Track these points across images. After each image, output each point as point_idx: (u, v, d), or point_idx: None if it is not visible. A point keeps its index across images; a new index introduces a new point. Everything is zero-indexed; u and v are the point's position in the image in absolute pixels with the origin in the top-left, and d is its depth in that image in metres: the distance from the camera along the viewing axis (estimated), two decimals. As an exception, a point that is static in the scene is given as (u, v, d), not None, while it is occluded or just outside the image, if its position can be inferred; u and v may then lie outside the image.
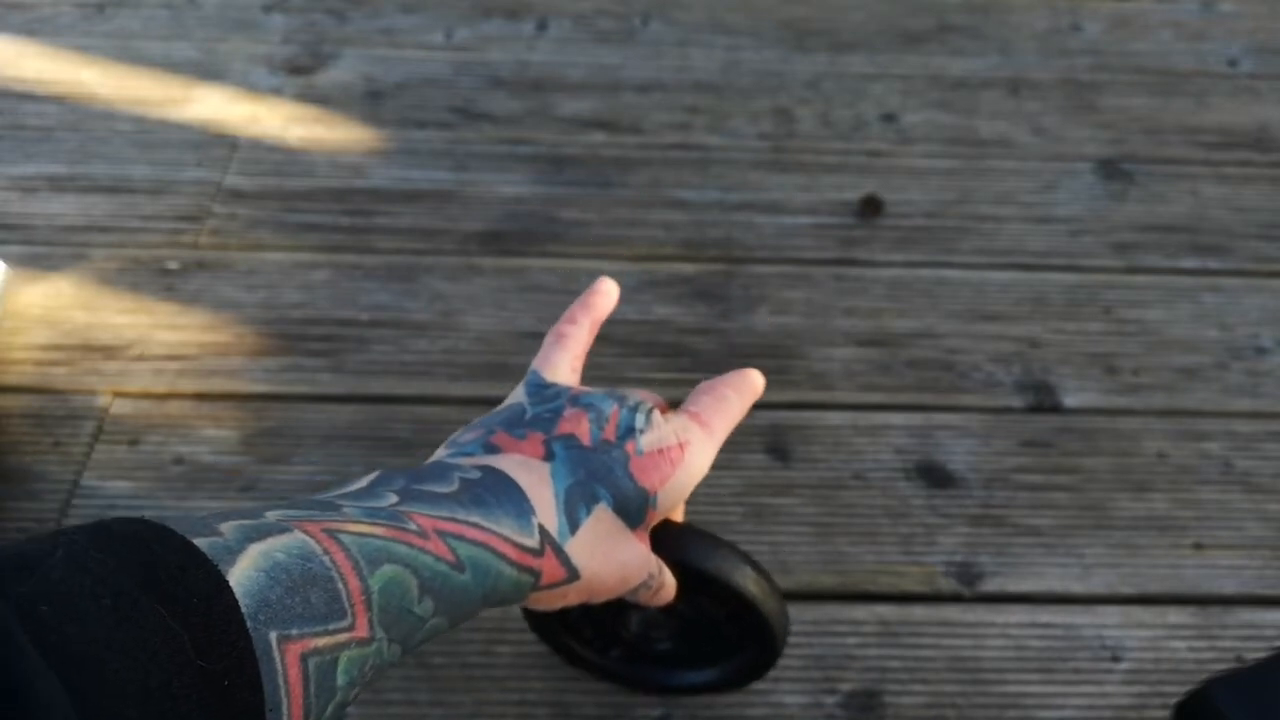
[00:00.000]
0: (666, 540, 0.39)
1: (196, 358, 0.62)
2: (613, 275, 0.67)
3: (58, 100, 0.79)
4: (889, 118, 0.80)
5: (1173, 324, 0.66)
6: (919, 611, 0.52)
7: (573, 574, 0.34)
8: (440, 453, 0.36)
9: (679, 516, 0.43)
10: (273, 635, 0.23)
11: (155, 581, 0.21)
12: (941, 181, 0.75)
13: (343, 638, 0.25)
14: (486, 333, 0.64)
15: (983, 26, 0.89)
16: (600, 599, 0.36)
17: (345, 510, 0.28)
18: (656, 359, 0.63)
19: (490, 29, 0.87)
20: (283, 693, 0.23)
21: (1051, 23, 0.90)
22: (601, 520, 0.35)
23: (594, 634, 0.46)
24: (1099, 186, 0.75)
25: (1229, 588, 0.53)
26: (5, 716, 0.17)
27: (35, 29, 0.85)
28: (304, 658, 0.23)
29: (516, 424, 0.36)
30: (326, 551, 0.25)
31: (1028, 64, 0.85)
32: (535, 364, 0.39)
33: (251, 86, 0.81)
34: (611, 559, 0.35)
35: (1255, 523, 0.55)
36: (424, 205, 0.72)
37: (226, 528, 0.24)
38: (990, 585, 0.53)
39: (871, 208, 0.72)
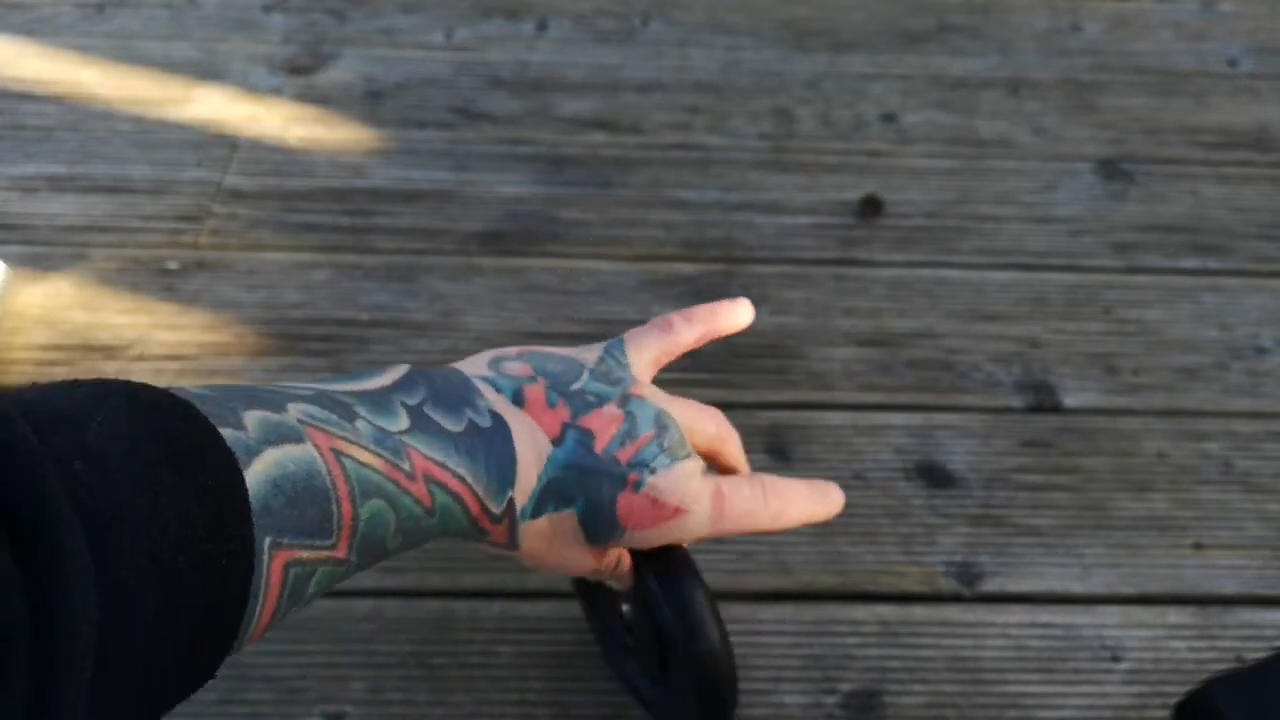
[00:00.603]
0: (652, 560, 0.38)
1: (196, 358, 0.62)
2: (613, 275, 0.68)
3: (57, 100, 0.79)
4: (889, 118, 0.80)
5: (1173, 324, 0.66)
6: (919, 611, 0.52)
7: (513, 545, 0.35)
8: (480, 361, 0.36)
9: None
10: (268, 539, 0.24)
11: (178, 458, 0.22)
12: (941, 181, 0.75)
13: (324, 555, 0.26)
14: (486, 333, 0.64)
15: (983, 26, 0.89)
16: (531, 567, 0.38)
17: (358, 424, 0.29)
18: (656, 359, 0.63)
19: (490, 29, 0.87)
20: (262, 590, 0.24)
21: (1051, 23, 0.90)
22: (563, 522, 0.35)
23: (608, 606, 0.46)
24: (1099, 186, 0.75)
25: (1229, 588, 0.53)
26: (35, 556, 0.18)
27: (35, 29, 0.85)
28: (287, 565, 0.25)
29: (561, 385, 0.36)
30: (330, 473, 0.27)
31: (1028, 64, 0.85)
32: (628, 334, 0.39)
33: (251, 86, 0.81)
34: (553, 552, 0.36)
35: (1255, 523, 0.55)
36: (424, 205, 0.72)
37: (251, 420, 0.25)
38: (990, 585, 0.53)
39: (871, 208, 0.72)
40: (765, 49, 0.86)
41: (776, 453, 0.58)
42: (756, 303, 0.66)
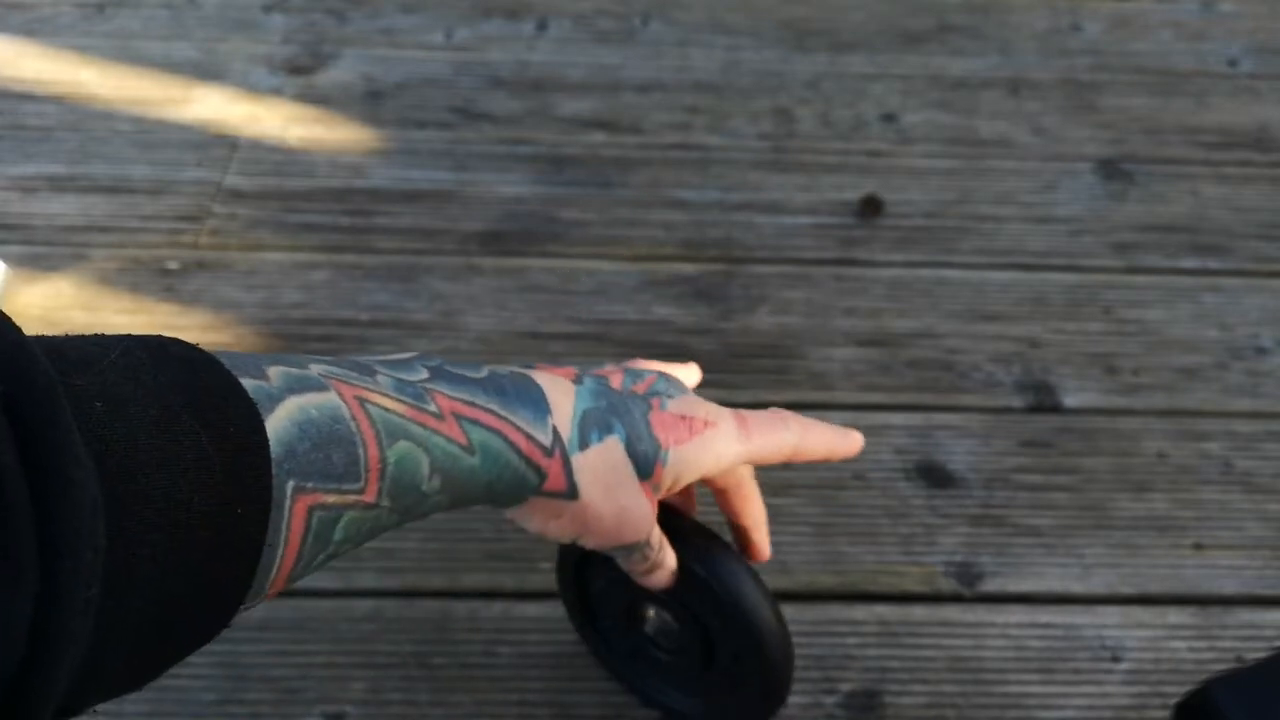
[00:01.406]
0: (695, 546, 0.39)
1: (196, 358, 0.62)
2: (613, 275, 0.68)
3: (57, 100, 0.79)
4: (889, 118, 0.80)
5: (1173, 324, 0.66)
6: (919, 611, 0.52)
7: (572, 490, 0.34)
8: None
9: (690, 501, 0.42)
10: (290, 484, 0.24)
11: (199, 406, 0.23)
12: (941, 181, 0.75)
13: (351, 499, 0.26)
14: (486, 333, 0.64)
15: (983, 26, 0.89)
16: (591, 540, 0.36)
17: (378, 378, 0.29)
18: (657, 359, 0.63)
19: (490, 29, 0.87)
20: (283, 535, 0.24)
21: (1051, 23, 0.90)
22: (611, 450, 0.35)
23: (615, 615, 0.45)
24: (1099, 186, 0.75)
25: (1229, 588, 0.53)
26: (39, 486, 0.18)
27: (35, 29, 0.85)
28: (311, 509, 0.25)
29: (558, 364, 0.38)
30: (354, 418, 0.27)
31: (1028, 64, 0.85)
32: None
33: (251, 86, 0.81)
34: (612, 496, 0.35)
35: (1255, 523, 0.55)
36: (424, 205, 0.72)
37: (274, 373, 0.26)
38: (990, 585, 0.53)
39: (871, 208, 0.72)
40: (765, 49, 0.86)
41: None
42: (756, 303, 0.66)
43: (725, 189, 0.74)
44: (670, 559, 0.39)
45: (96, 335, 0.23)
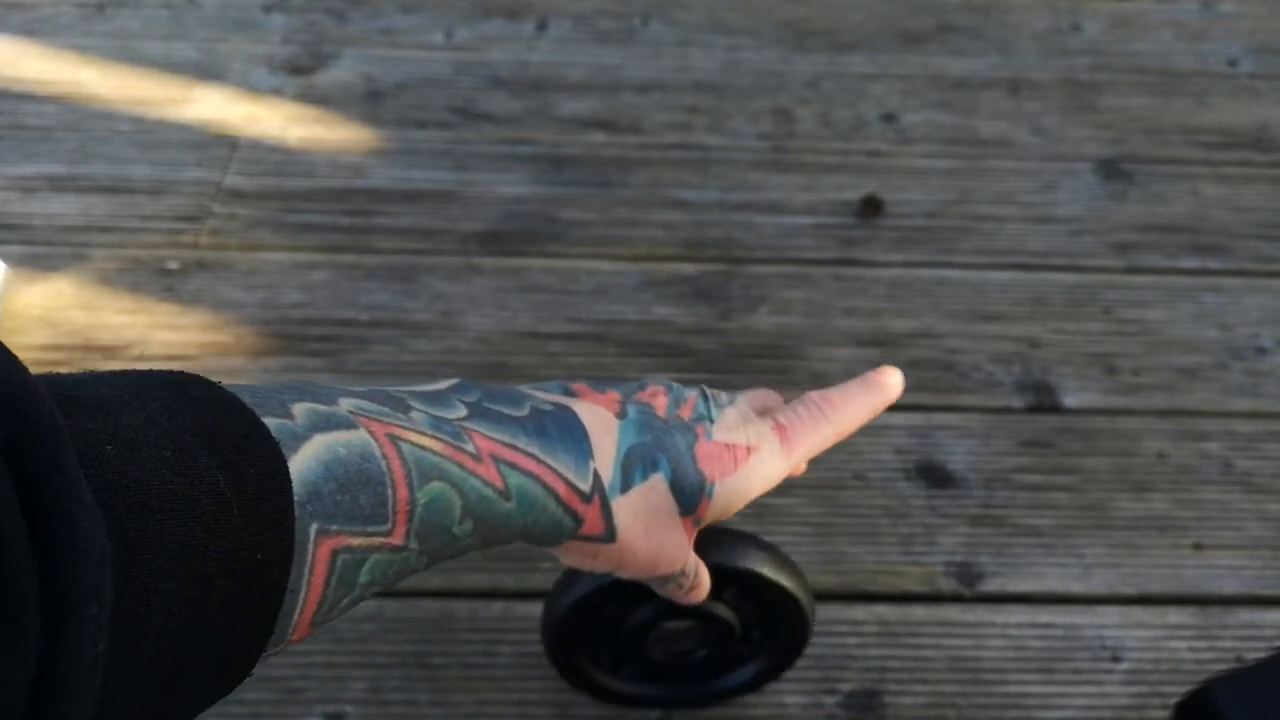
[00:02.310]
0: (703, 542, 0.39)
1: (196, 358, 0.62)
2: (613, 275, 0.68)
3: (57, 100, 0.79)
4: (889, 118, 0.80)
5: (1173, 324, 0.66)
6: (919, 611, 0.52)
7: (610, 534, 0.33)
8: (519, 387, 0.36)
9: None
10: (314, 526, 0.23)
11: (217, 447, 0.22)
12: (941, 181, 0.75)
13: (377, 541, 0.25)
14: (486, 333, 0.64)
15: (983, 26, 0.89)
16: (626, 574, 0.36)
17: (413, 414, 0.28)
18: (656, 359, 0.63)
19: (490, 29, 0.87)
20: (305, 580, 0.23)
21: (1051, 23, 0.90)
22: (655, 490, 0.34)
23: (617, 657, 0.45)
24: (1099, 186, 0.75)
25: (1229, 588, 0.53)
26: (43, 536, 0.17)
27: (35, 29, 0.85)
28: (335, 553, 0.24)
29: (599, 383, 0.36)
30: (385, 456, 0.26)
31: (1028, 64, 0.85)
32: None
33: (251, 86, 0.81)
34: (652, 535, 0.34)
35: (1255, 523, 0.55)
36: (424, 205, 0.72)
37: (299, 410, 0.25)
38: (990, 585, 0.53)
39: (871, 208, 0.72)
40: (765, 49, 0.86)
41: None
42: (756, 303, 0.66)
43: (725, 189, 0.74)
44: (705, 576, 0.39)
45: (111, 373, 0.22)
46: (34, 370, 0.61)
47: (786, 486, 0.56)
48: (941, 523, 0.55)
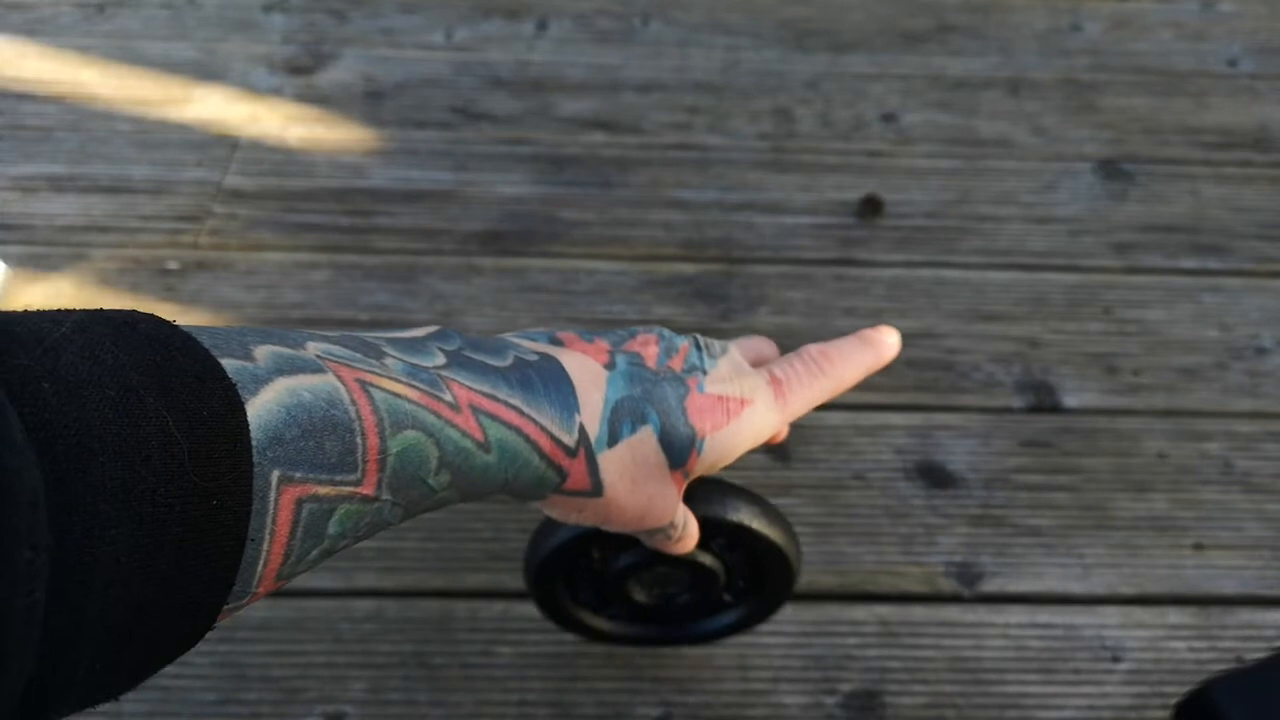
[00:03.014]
0: (693, 492, 0.39)
1: (196, 358, 0.62)
2: (613, 275, 0.68)
3: (58, 100, 0.79)
4: (889, 118, 0.80)
5: (1173, 324, 0.66)
6: (919, 612, 0.52)
7: (596, 488, 0.32)
8: (504, 335, 0.34)
9: None
10: (275, 474, 0.22)
11: (167, 388, 0.20)
12: (941, 181, 0.75)
13: (346, 490, 0.24)
14: (486, 333, 0.64)
15: (983, 26, 0.89)
16: (614, 528, 0.35)
17: (387, 361, 0.26)
18: (656, 359, 0.63)
19: (490, 29, 0.87)
20: (268, 529, 0.22)
21: (1051, 23, 0.90)
22: (643, 443, 0.33)
23: (604, 600, 0.45)
24: (1099, 186, 0.75)
25: (1229, 588, 0.53)
26: None
27: (35, 29, 0.85)
28: (300, 501, 0.23)
29: (587, 332, 0.35)
30: (354, 402, 0.24)
31: (1028, 64, 0.85)
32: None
33: (251, 86, 0.81)
34: (639, 489, 0.33)
35: (1255, 523, 0.55)
36: (424, 205, 0.72)
37: (261, 353, 0.23)
38: (990, 585, 0.53)
39: (871, 208, 0.72)
40: (765, 49, 0.86)
41: (776, 452, 0.58)
42: (756, 303, 0.66)
43: (725, 189, 0.74)
44: (693, 526, 0.38)
45: (57, 311, 0.21)
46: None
47: (787, 486, 0.56)
48: (941, 523, 0.55)
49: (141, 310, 0.22)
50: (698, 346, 0.36)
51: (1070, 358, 0.63)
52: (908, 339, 0.64)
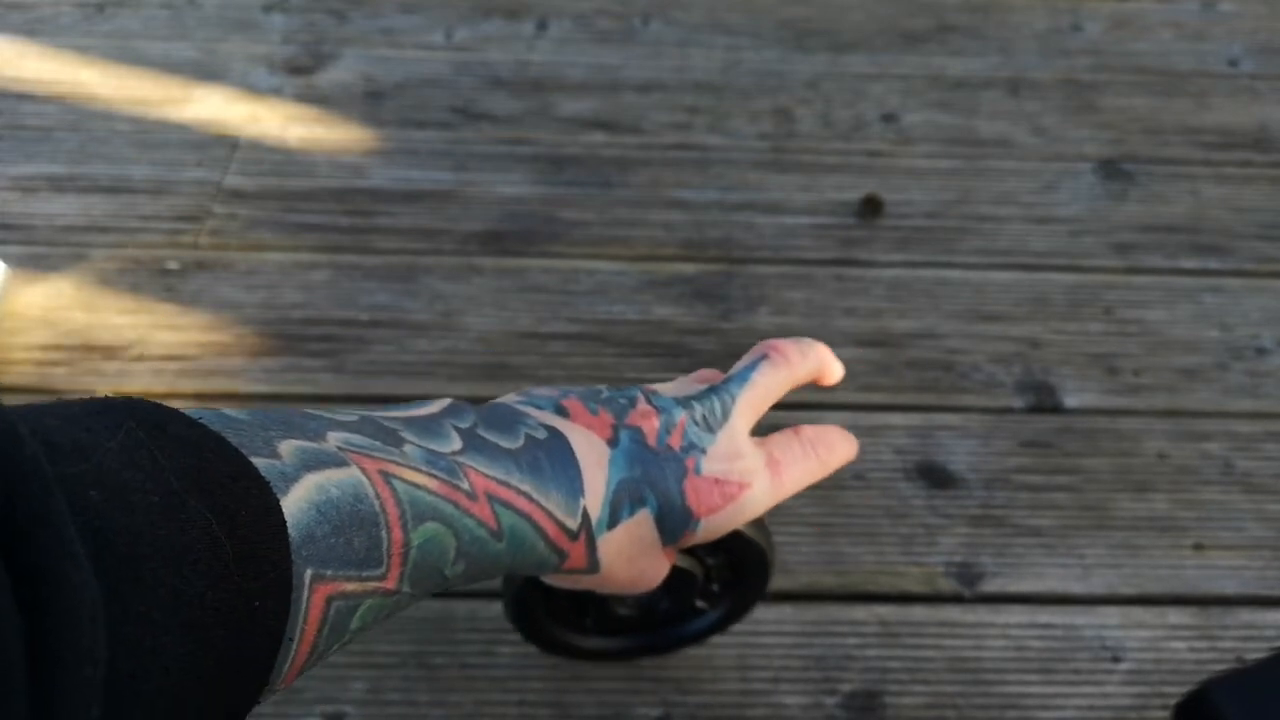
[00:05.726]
0: None
1: (196, 358, 0.62)
2: (613, 275, 0.67)
3: (58, 100, 0.79)
4: (889, 118, 0.80)
5: (1173, 324, 0.66)
6: (919, 612, 0.52)
7: (593, 567, 0.33)
8: (511, 397, 0.35)
9: None
10: (309, 572, 0.22)
11: (206, 490, 0.20)
12: (941, 181, 0.75)
13: (371, 586, 0.24)
14: (486, 333, 0.64)
15: (983, 26, 0.89)
16: (603, 592, 0.36)
17: (406, 448, 0.27)
18: (656, 359, 0.63)
19: (490, 29, 0.87)
20: (299, 628, 0.22)
21: (1051, 23, 0.90)
22: (640, 525, 0.34)
23: (587, 619, 0.46)
24: (1099, 186, 0.75)
25: (1229, 588, 0.53)
26: (32, 596, 0.16)
27: (35, 29, 0.85)
28: (329, 599, 0.23)
29: (592, 398, 0.35)
30: (378, 495, 0.24)
31: (1028, 64, 0.85)
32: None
33: (251, 86, 0.81)
34: (633, 565, 0.34)
35: (1255, 523, 0.55)
36: (424, 205, 0.72)
37: (286, 449, 0.23)
38: (990, 586, 0.53)
39: (872, 208, 0.72)
40: (765, 49, 0.86)
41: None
42: (756, 303, 0.66)
43: (725, 189, 0.74)
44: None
45: (83, 404, 0.21)
46: (33, 370, 0.61)
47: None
48: (942, 523, 0.55)
49: (145, 401, 0.22)
50: (695, 422, 0.36)
51: (1071, 358, 0.63)
52: (908, 339, 0.64)
